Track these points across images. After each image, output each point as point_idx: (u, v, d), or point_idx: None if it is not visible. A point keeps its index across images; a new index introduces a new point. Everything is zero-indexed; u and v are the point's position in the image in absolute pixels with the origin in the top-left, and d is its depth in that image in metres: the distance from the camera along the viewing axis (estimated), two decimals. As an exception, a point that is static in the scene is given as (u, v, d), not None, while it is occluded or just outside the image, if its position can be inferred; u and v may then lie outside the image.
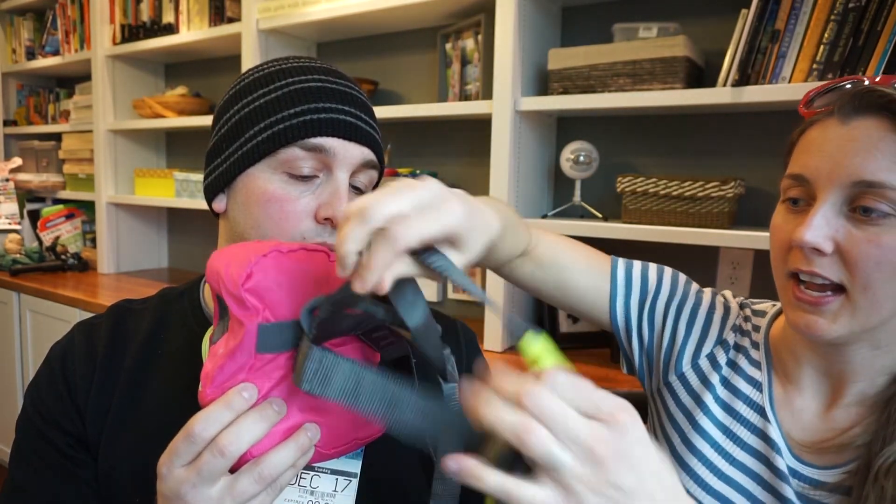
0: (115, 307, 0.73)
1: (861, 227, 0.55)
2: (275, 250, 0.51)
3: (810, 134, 0.60)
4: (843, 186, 0.56)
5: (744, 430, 0.68)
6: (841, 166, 0.55)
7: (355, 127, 0.65)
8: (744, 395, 0.69)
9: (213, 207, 0.69)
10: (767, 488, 0.66)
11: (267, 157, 0.64)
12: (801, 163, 0.60)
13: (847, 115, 0.57)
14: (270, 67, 0.67)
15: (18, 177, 2.81)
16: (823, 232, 0.56)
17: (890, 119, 0.54)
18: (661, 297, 0.75)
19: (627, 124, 1.58)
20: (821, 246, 0.56)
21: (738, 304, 0.77)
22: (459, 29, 1.73)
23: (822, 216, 0.56)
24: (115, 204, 2.54)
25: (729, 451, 0.68)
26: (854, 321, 0.57)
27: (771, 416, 0.67)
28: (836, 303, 0.57)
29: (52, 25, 2.78)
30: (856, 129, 0.56)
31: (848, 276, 0.56)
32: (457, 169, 1.88)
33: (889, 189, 0.53)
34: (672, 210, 1.34)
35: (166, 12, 2.30)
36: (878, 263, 0.54)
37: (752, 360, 0.71)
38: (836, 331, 0.57)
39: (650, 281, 0.75)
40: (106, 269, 2.55)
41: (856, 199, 0.55)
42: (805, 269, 0.58)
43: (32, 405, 0.67)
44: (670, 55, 1.30)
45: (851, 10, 1.11)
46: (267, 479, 0.48)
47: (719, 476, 0.68)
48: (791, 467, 0.65)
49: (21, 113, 3.08)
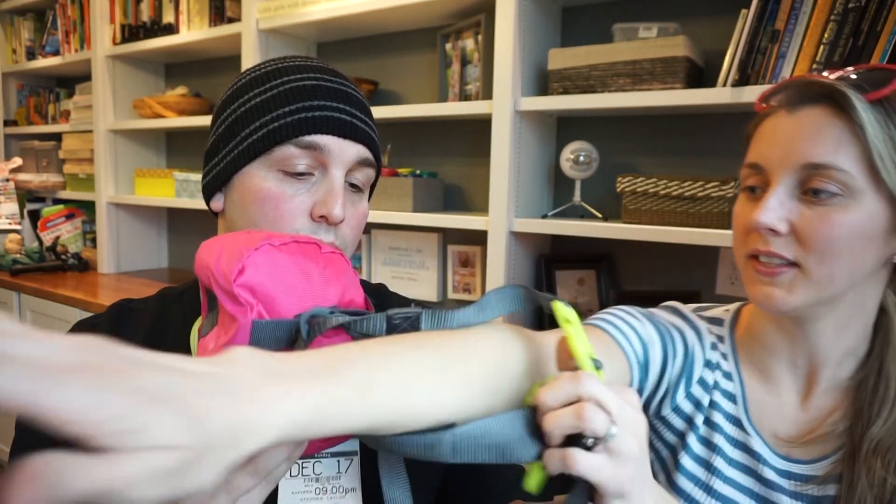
0: (115, 307, 0.73)
1: (812, 208, 0.59)
2: (266, 243, 0.50)
3: (763, 126, 0.65)
4: (794, 170, 0.60)
5: (729, 447, 0.68)
6: (790, 152, 0.60)
7: (350, 124, 0.65)
8: (724, 411, 0.70)
9: (211, 206, 0.69)
10: (760, 500, 0.67)
11: (262, 156, 0.64)
12: (756, 152, 0.64)
13: (794, 106, 0.61)
14: (267, 67, 0.68)
15: (19, 177, 2.81)
16: (778, 214, 0.60)
17: (831, 107, 0.59)
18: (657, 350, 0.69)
19: (627, 124, 1.58)
20: (776, 226, 0.59)
21: (697, 315, 0.75)
22: (459, 29, 1.73)
23: (776, 199, 0.60)
24: (116, 204, 2.54)
25: (720, 469, 0.68)
26: (809, 292, 0.60)
27: (749, 428, 0.68)
28: (790, 274, 0.60)
29: (53, 25, 2.79)
30: (802, 117, 0.60)
31: (802, 254, 0.59)
32: (457, 169, 1.88)
33: (834, 170, 0.57)
34: (672, 210, 1.34)
35: (166, 12, 2.30)
36: (829, 239, 0.58)
37: (724, 372, 0.71)
38: (792, 301, 0.60)
39: (644, 337, 0.68)
40: (106, 269, 2.55)
41: (806, 182, 0.59)
42: (762, 249, 0.61)
43: None
44: (670, 55, 1.30)
45: (851, 10, 1.11)
46: (262, 472, 0.47)
47: (715, 496, 0.68)
48: (782, 469, 0.66)
49: (21, 113, 3.08)
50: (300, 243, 0.53)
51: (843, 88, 0.57)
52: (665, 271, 1.57)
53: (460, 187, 1.88)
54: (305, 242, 0.54)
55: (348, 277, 0.55)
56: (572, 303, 1.60)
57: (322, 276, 0.52)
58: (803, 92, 0.61)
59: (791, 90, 0.62)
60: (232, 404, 0.31)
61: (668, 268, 1.56)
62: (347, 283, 0.55)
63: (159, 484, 0.28)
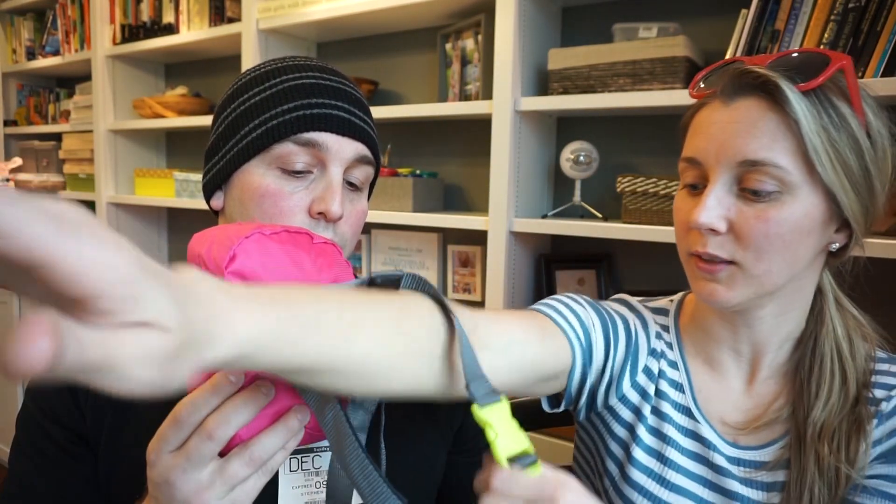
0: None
1: (750, 204, 0.59)
2: (257, 232, 0.51)
3: (699, 116, 0.64)
4: (731, 166, 0.59)
5: (679, 435, 0.69)
6: (726, 147, 0.59)
7: (348, 122, 0.65)
8: (672, 401, 0.70)
9: (212, 205, 0.70)
10: (714, 487, 0.66)
11: (261, 153, 0.64)
12: (692, 146, 0.63)
13: (728, 96, 0.60)
14: (267, 67, 0.68)
15: (18, 177, 2.82)
16: (716, 212, 0.59)
17: (767, 99, 0.57)
18: (598, 330, 0.70)
19: (627, 124, 1.58)
20: (715, 226, 0.59)
21: (643, 304, 0.76)
22: (459, 29, 1.73)
23: (715, 197, 0.59)
24: (115, 204, 2.54)
25: (673, 459, 0.68)
26: (749, 288, 0.60)
27: (699, 416, 0.68)
28: (729, 270, 0.60)
29: (53, 25, 2.78)
30: (737, 109, 0.59)
31: (741, 252, 0.59)
32: (457, 169, 1.88)
33: (771, 166, 0.56)
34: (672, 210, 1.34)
35: (166, 12, 2.30)
36: (767, 236, 0.58)
37: (669, 361, 0.71)
38: (735, 297, 0.61)
39: (586, 321, 0.69)
40: (106, 269, 2.55)
41: (743, 179, 0.58)
42: (701, 250, 0.61)
43: (33, 400, 0.67)
44: (670, 55, 1.30)
45: (851, 10, 1.11)
46: (257, 461, 0.48)
47: (669, 487, 0.68)
48: (732, 456, 0.66)
49: (21, 113, 3.08)
50: (291, 233, 0.53)
51: (777, 80, 0.56)
52: (665, 271, 1.57)
53: (460, 187, 1.88)
54: (296, 232, 0.54)
55: (340, 267, 0.56)
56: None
57: (314, 264, 0.53)
58: (738, 82, 0.59)
59: (725, 79, 0.61)
60: (205, 308, 0.32)
61: (668, 268, 1.56)
62: (339, 272, 0.55)
63: (149, 367, 0.28)
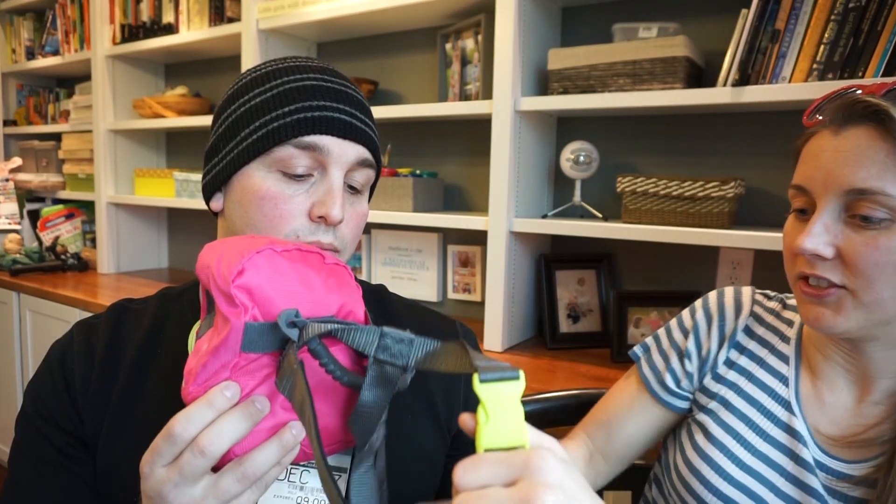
0: (115, 307, 0.73)
1: (859, 232, 0.59)
2: (268, 248, 0.50)
3: (810, 144, 0.64)
4: (838, 195, 0.59)
5: (768, 423, 0.71)
6: (834, 176, 0.59)
7: (350, 125, 0.64)
8: (769, 389, 0.72)
9: (211, 206, 0.69)
10: (792, 480, 0.68)
11: (261, 156, 0.64)
12: (801, 173, 0.64)
13: (838, 125, 0.61)
14: (267, 67, 0.67)
15: (18, 177, 2.81)
16: (823, 239, 0.60)
17: (876, 128, 0.58)
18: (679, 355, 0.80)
19: (627, 124, 1.58)
20: (820, 252, 0.60)
21: (753, 299, 0.79)
22: (459, 29, 1.73)
23: (821, 224, 0.60)
24: (115, 204, 2.54)
25: (752, 443, 0.71)
26: (859, 315, 0.60)
27: (797, 410, 0.70)
28: (837, 295, 0.61)
29: (52, 25, 2.78)
30: (846, 139, 0.60)
31: (850, 278, 0.59)
32: (457, 169, 1.88)
33: (880, 195, 0.57)
34: (672, 210, 1.34)
35: (166, 12, 2.30)
36: (877, 265, 0.58)
37: (779, 353, 0.74)
38: (843, 324, 0.61)
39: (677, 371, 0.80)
40: (106, 269, 2.55)
41: (852, 207, 0.59)
42: (809, 272, 0.62)
43: (32, 404, 0.67)
44: (670, 55, 1.30)
45: (851, 10, 1.11)
46: (250, 477, 0.47)
47: (741, 467, 0.70)
48: (818, 460, 0.67)
49: (21, 113, 3.08)
50: (303, 251, 0.53)
51: (889, 109, 0.56)
52: (665, 271, 1.57)
53: (460, 187, 1.88)
54: (308, 251, 0.53)
55: (350, 290, 0.55)
56: (572, 303, 1.61)
57: (324, 284, 0.52)
58: (848, 112, 0.60)
59: (835, 109, 0.62)
60: None
61: (668, 268, 1.56)
62: (349, 295, 0.54)
63: None
